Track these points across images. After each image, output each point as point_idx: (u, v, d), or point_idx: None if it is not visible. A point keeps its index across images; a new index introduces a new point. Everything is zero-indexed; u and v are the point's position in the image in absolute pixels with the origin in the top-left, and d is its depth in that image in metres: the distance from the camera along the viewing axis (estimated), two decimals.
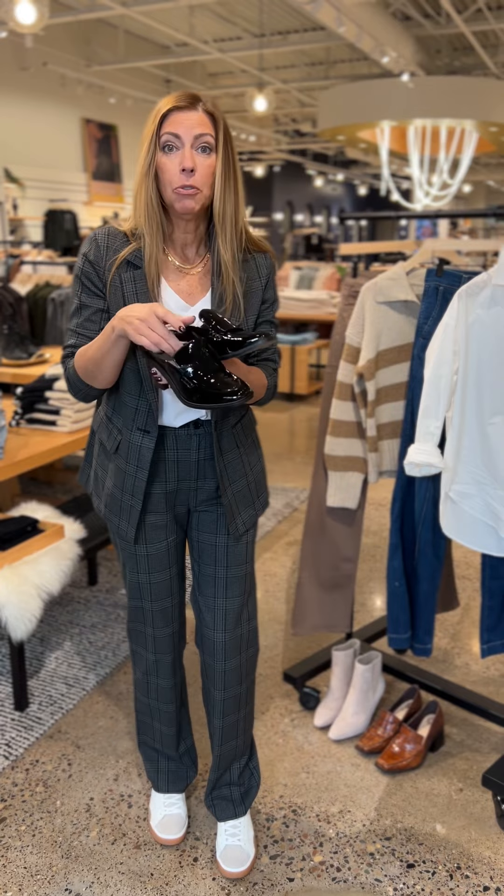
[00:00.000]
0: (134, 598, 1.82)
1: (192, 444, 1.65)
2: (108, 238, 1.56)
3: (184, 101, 1.47)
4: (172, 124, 1.46)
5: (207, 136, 1.47)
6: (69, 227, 10.03)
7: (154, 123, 1.47)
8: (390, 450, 2.22)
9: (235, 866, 1.84)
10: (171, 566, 1.79)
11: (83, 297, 1.58)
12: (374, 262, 3.11)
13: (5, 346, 4.03)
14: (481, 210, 2.32)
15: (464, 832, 2.00)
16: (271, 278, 1.67)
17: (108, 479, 1.71)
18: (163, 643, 1.85)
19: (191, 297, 1.58)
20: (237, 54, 10.44)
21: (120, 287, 1.54)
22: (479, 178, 21.91)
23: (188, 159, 1.45)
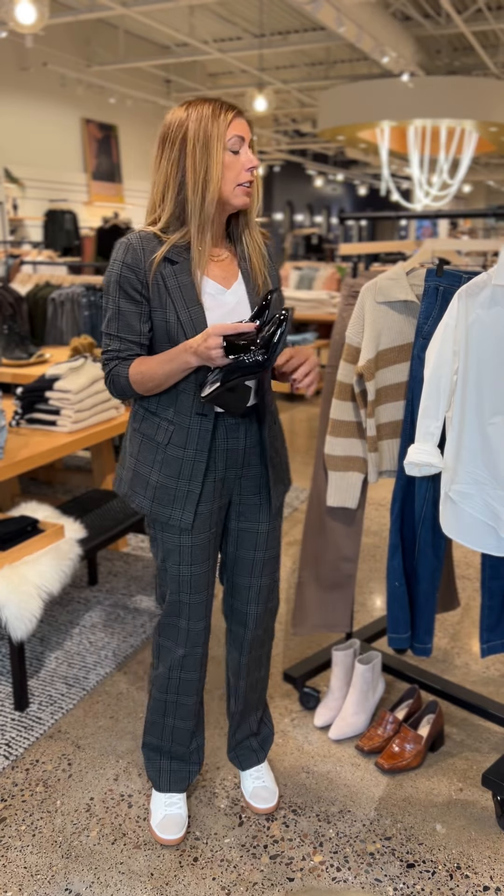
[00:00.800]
0: (173, 592, 1.84)
1: (240, 433, 1.76)
2: (142, 241, 1.66)
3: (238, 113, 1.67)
4: (237, 128, 1.65)
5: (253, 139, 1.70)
6: (69, 227, 10.04)
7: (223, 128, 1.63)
8: (390, 450, 2.22)
9: (265, 803, 2.06)
10: (210, 558, 1.86)
11: (122, 303, 1.66)
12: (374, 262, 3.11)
13: (5, 346, 4.03)
14: (481, 210, 2.32)
15: (464, 832, 2.00)
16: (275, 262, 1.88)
17: (153, 473, 1.76)
18: (196, 636, 1.89)
19: (226, 280, 1.73)
20: (237, 54, 10.44)
21: (162, 283, 1.65)
22: (479, 178, 21.91)
23: (255, 158, 1.67)
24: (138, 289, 1.65)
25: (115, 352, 1.69)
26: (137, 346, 1.69)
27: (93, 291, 4.99)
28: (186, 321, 1.64)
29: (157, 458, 1.75)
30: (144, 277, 1.64)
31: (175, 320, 1.65)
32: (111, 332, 1.68)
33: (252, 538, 1.90)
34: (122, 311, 1.66)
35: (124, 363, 1.68)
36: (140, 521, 3.03)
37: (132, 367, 1.67)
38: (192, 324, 1.65)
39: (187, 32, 9.77)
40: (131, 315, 1.66)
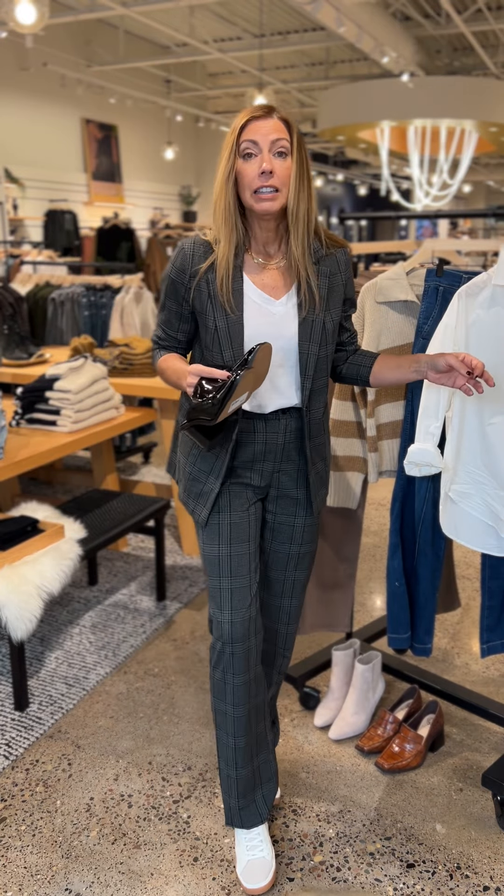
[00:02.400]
0: (213, 577, 1.79)
1: (280, 428, 1.77)
2: (193, 247, 1.71)
3: (259, 112, 1.61)
4: (250, 132, 1.60)
5: (283, 141, 1.60)
6: (69, 227, 10.04)
7: (234, 134, 1.61)
8: (390, 450, 2.22)
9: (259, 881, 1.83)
10: (249, 541, 1.80)
11: (167, 300, 1.76)
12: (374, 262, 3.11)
13: (5, 346, 4.03)
14: (481, 210, 2.32)
15: (464, 832, 2.00)
16: (350, 273, 1.80)
17: (188, 465, 1.83)
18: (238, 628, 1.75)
19: (275, 291, 1.71)
20: (237, 54, 10.45)
21: (206, 289, 1.69)
22: (479, 178, 21.91)
23: (267, 162, 1.58)
24: (181, 292, 1.72)
25: (157, 338, 1.83)
26: (174, 341, 1.80)
27: (93, 291, 4.99)
28: (223, 328, 1.68)
29: (192, 451, 1.82)
30: (188, 283, 1.70)
31: (213, 327, 1.69)
32: (159, 322, 1.81)
33: (288, 531, 1.88)
34: (166, 306, 1.77)
35: (160, 351, 1.81)
36: (140, 521, 3.03)
37: (161, 359, 1.77)
38: (228, 331, 1.68)
39: (187, 32, 9.77)
40: (172, 313, 1.77)
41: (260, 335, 1.68)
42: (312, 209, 1.67)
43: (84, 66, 10.62)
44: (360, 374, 1.84)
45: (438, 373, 1.65)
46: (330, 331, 1.74)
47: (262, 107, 1.62)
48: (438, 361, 1.63)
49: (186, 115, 13.45)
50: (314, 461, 1.82)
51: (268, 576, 1.94)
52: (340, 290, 1.76)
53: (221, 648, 1.77)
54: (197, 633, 2.94)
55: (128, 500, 3.20)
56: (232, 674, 1.77)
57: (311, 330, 1.71)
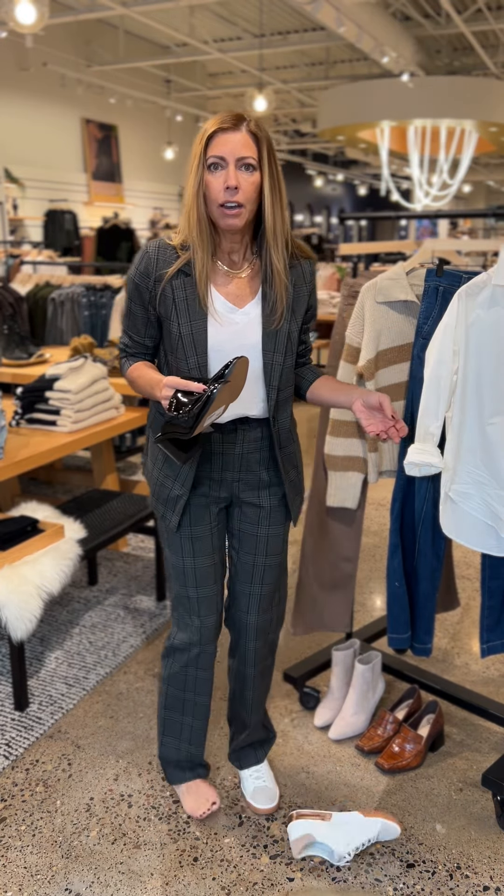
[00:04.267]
0: (180, 586, 1.89)
1: (238, 439, 1.78)
2: (158, 251, 1.68)
3: (227, 123, 1.57)
4: (217, 146, 1.57)
5: (250, 158, 1.58)
6: (69, 227, 10.04)
7: (201, 144, 1.59)
8: (390, 450, 2.22)
9: (266, 804, 2.05)
10: (214, 552, 1.89)
11: (132, 305, 1.74)
12: (374, 262, 3.11)
13: (5, 346, 4.03)
14: (481, 210, 2.32)
15: (464, 832, 2.00)
16: (314, 284, 1.80)
17: (155, 469, 1.84)
18: (208, 632, 1.91)
19: (239, 299, 1.70)
20: (237, 54, 10.45)
21: (171, 294, 1.67)
22: (479, 178, 21.91)
23: (232, 178, 1.56)
24: (146, 297, 1.70)
25: (125, 346, 1.81)
26: (142, 347, 1.79)
27: (93, 291, 4.99)
28: (187, 335, 1.67)
29: (159, 457, 1.82)
30: (153, 287, 1.68)
31: (177, 333, 1.67)
32: (124, 328, 1.79)
33: (252, 541, 1.90)
34: (132, 312, 1.75)
35: (129, 359, 1.79)
36: (140, 521, 3.03)
37: (131, 368, 1.76)
38: (193, 338, 1.67)
39: (187, 32, 9.77)
40: (138, 319, 1.75)
41: (223, 343, 1.68)
42: (286, 220, 1.67)
43: (84, 66, 10.62)
44: (301, 387, 1.86)
45: (367, 407, 1.63)
46: (294, 340, 1.75)
47: (232, 116, 1.58)
48: (371, 398, 1.61)
49: (186, 115, 13.45)
50: (287, 470, 1.84)
51: (234, 589, 1.96)
52: (304, 300, 1.76)
53: (188, 649, 1.92)
54: None
55: (128, 500, 3.20)
56: (197, 668, 1.94)
57: (276, 340, 1.71)
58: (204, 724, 2.03)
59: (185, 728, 2.02)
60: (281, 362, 1.72)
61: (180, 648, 1.93)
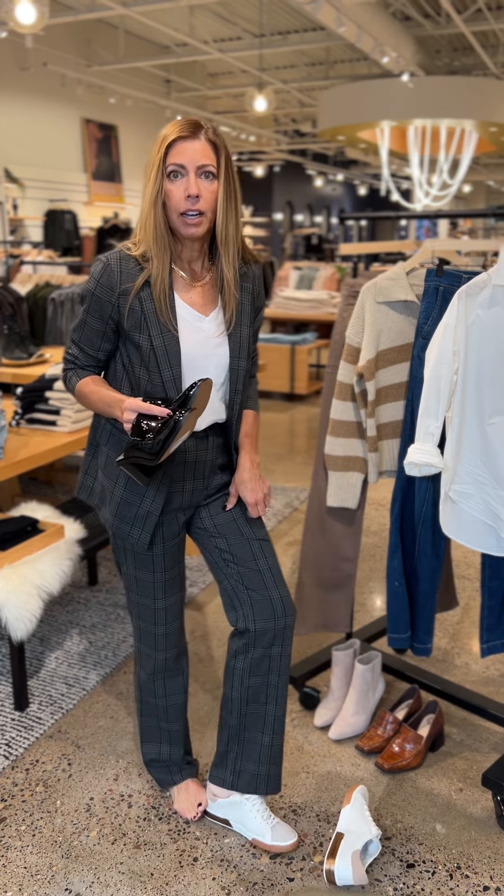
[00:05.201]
0: (146, 598, 1.88)
1: (209, 445, 1.81)
2: (120, 263, 1.65)
3: (186, 131, 1.57)
4: (177, 154, 1.57)
5: (210, 166, 1.58)
6: (69, 227, 10.03)
7: (160, 153, 1.58)
8: (390, 450, 2.22)
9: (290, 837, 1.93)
10: (178, 563, 1.90)
11: (89, 317, 1.70)
12: (374, 262, 3.11)
13: (5, 346, 4.03)
14: (481, 210, 2.32)
15: (464, 832, 2.00)
16: (261, 286, 1.83)
17: (117, 489, 1.78)
18: (172, 638, 1.93)
19: (203, 307, 1.72)
20: (237, 54, 10.44)
21: (139, 307, 1.65)
22: (479, 178, 21.90)
23: (193, 186, 1.56)
24: (107, 311, 1.67)
25: (73, 357, 1.77)
26: (93, 360, 1.76)
27: None
28: (160, 347, 1.66)
29: (121, 475, 1.77)
30: (117, 301, 1.65)
31: (149, 346, 1.66)
32: (74, 340, 1.75)
33: (234, 526, 1.86)
34: (87, 324, 1.71)
35: (78, 372, 1.76)
36: None
37: (81, 383, 1.73)
38: (165, 350, 1.66)
39: (187, 32, 9.77)
40: (94, 332, 1.71)
41: (192, 351, 1.69)
42: (240, 229, 1.68)
43: (84, 66, 10.62)
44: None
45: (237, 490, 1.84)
46: (250, 345, 1.78)
47: (190, 124, 1.58)
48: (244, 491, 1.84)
49: (186, 116, 13.45)
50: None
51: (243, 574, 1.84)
52: (253, 304, 1.78)
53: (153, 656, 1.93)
54: (196, 633, 2.94)
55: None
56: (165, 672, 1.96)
57: (239, 346, 1.74)
58: (180, 724, 2.04)
59: (163, 732, 2.02)
60: (245, 367, 1.77)
61: (146, 657, 1.94)
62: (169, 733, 2.02)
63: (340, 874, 1.79)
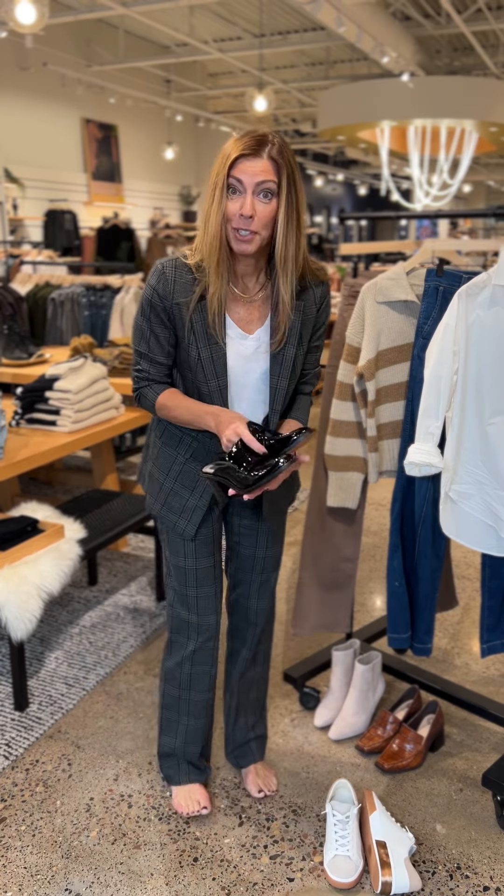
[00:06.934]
0: (181, 585, 1.92)
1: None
2: (175, 271, 1.66)
3: (249, 149, 1.54)
4: (238, 170, 1.54)
5: (269, 183, 1.55)
6: (69, 227, 10.03)
7: (224, 169, 1.54)
8: (390, 450, 2.22)
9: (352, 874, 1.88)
10: (214, 553, 1.93)
11: (153, 326, 1.70)
12: (374, 262, 3.11)
13: (5, 346, 4.03)
14: (481, 210, 2.32)
15: (464, 832, 2.00)
16: (326, 305, 1.79)
17: (167, 481, 1.85)
18: (206, 630, 1.94)
19: (249, 325, 1.71)
20: (237, 54, 10.44)
21: (189, 318, 1.66)
22: (479, 178, 21.90)
23: (248, 206, 1.54)
24: (164, 317, 1.68)
25: (146, 373, 1.76)
26: (166, 370, 1.76)
27: (93, 291, 4.99)
28: (207, 359, 1.68)
29: (173, 468, 1.83)
30: (171, 309, 1.66)
31: (196, 356, 1.68)
32: (142, 351, 1.74)
33: (252, 536, 1.96)
34: (153, 332, 1.71)
35: (154, 387, 1.76)
36: (140, 521, 3.03)
37: (161, 397, 1.74)
38: (213, 362, 1.68)
39: (187, 32, 9.77)
40: (161, 339, 1.71)
41: (236, 368, 1.71)
42: (301, 249, 1.64)
43: (84, 65, 10.62)
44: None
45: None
46: (298, 366, 1.77)
47: (255, 141, 1.54)
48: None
49: (186, 115, 13.44)
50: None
51: (237, 578, 2.02)
52: (311, 322, 1.76)
53: (185, 645, 1.95)
54: None
55: (128, 500, 3.20)
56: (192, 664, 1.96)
57: (282, 366, 1.73)
58: (200, 722, 2.03)
59: (182, 727, 2.03)
60: (285, 387, 1.75)
61: (177, 645, 1.97)
62: (187, 729, 2.03)
63: (399, 883, 1.78)
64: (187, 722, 2.02)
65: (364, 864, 1.86)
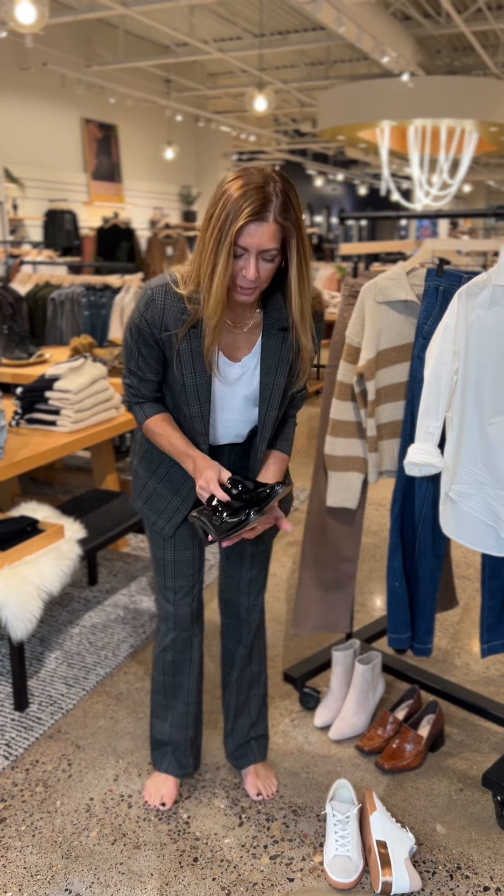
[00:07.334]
0: (160, 576, 1.98)
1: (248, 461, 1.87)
2: (165, 299, 1.65)
3: (254, 213, 1.49)
4: (244, 239, 1.52)
5: (273, 250, 1.55)
6: (69, 227, 10.03)
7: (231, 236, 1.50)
8: (390, 450, 2.22)
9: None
10: (194, 547, 1.97)
11: (140, 347, 1.71)
12: (374, 262, 3.11)
13: (5, 346, 4.03)
14: (481, 210, 2.32)
15: (464, 832, 2.00)
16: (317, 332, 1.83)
17: (151, 480, 1.89)
18: (183, 620, 1.99)
19: (235, 352, 1.73)
20: (237, 54, 10.44)
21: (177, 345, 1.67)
22: (479, 178, 21.90)
23: (252, 271, 1.54)
24: (151, 341, 1.69)
25: (136, 389, 1.78)
26: (155, 386, 1.78)
27: (93, 291, 4.99)
28: (191, 386, 1.70)
29: (159, 470, 1.87)
30: (158, 335, 1.67)
31: (181, 382, 1.70)
32: (131, 368, 1.76)
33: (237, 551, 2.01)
34: (140, 353, 1.72)
35: (144, 407, 1.79)
36: (140, 521, 3.03)
37: (149, 421, 1.78)
38: (196, 389, 1.70)
39: (187, 32, 9.77)
40: (149, 358, 1.73)
41: (219, 393, 1.73)
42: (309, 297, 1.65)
43: (84, 65, 10.62)
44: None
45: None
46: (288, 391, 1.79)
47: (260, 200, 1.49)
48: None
49: (186, 115, 13.44)
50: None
51: (227, 574, 2.05)
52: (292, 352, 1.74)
53: (167, 633, 2.00)
54: None
55: (128, 500, 3.20)
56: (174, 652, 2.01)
57: (271, 394, 1.75)
58: (186, 707, 2.06)
59: (170, 710, 2.06)
60: (274, 416, 1.78)
61: (161, 633, 2.03)
62: (174, 713, 2.06)
63: (399, 883, 1.78)
64: (175, 706, 2.06)
65: (364, 864, 1.86)
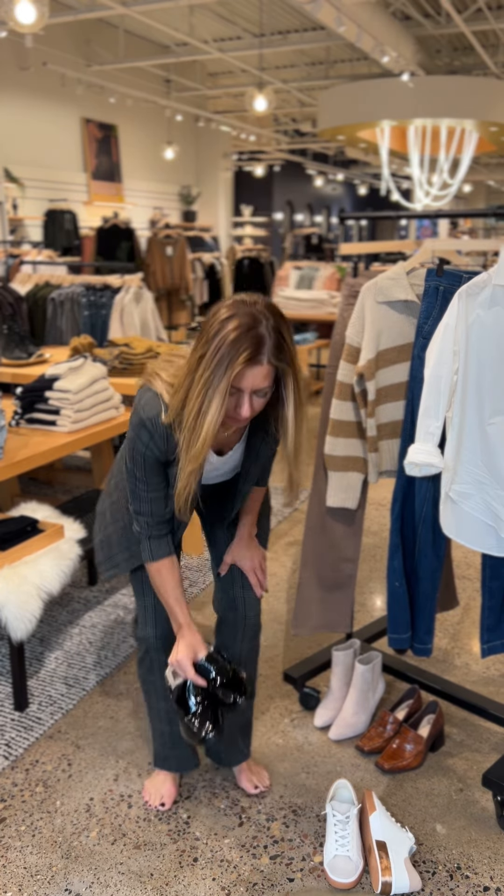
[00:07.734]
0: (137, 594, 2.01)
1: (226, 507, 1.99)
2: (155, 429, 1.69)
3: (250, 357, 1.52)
4: (238, 381, 1.55)
5: (266, 388, 1.59)
6: (69, 227, 10.03)
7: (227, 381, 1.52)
8: (390, 450, 2.22)
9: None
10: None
11: (149, 477, 1.75)
12: (374, 262, 3.11)
13: (5, 346, 4.03)
14: (481, 210, 2.32)
15: (464, 832, 1.99)
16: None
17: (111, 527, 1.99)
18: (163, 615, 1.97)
19: (224, 447, 1.82)
20: (237, 54, 10.43)
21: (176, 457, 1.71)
22: (479, 178, 21.89)
23: (245, 408, 1.59)
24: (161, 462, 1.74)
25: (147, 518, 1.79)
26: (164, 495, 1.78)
27: (92, 291, 4.99)
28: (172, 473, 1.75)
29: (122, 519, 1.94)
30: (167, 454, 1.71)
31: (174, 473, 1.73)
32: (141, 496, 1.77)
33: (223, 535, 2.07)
34: (149, 481, 1.75)
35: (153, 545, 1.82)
36: None
37: (154, 566, 1.82)
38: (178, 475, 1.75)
39: (187, 32, 9.77)
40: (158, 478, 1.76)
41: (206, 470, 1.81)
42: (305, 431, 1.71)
43: (84, 65, 10.61)
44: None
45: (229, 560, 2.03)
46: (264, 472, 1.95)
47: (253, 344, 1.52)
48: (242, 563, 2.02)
49: (186, 115, 13.44)
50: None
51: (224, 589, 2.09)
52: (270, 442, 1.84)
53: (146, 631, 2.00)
54: None
55: None
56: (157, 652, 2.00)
57: (249, 471, 1.88)
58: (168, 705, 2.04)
59: (161, 711, 2.06)
60: (249, 490, 1.93)
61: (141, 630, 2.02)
62: (166, 713, 2.05)
63: (399, 884, 1.78)
64: (164, 706, 2.05)
65: (364, 865, 1.86)
